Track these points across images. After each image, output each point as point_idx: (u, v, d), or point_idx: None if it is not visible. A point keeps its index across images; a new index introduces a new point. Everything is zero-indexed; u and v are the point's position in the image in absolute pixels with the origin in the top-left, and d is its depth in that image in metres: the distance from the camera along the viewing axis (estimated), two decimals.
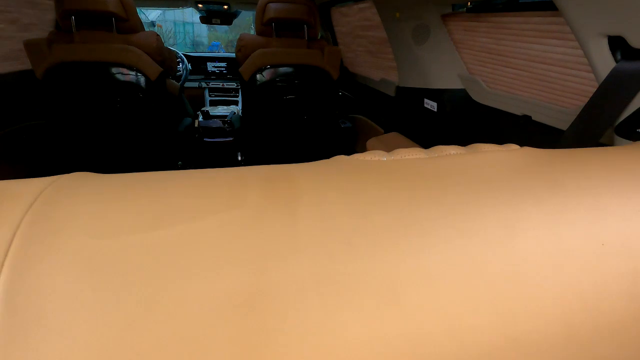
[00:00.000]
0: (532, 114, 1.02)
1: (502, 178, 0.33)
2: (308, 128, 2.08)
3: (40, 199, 0.27)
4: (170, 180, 0.31)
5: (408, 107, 1.66)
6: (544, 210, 0.30)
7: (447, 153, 0.37)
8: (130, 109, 1.76)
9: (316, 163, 0.37)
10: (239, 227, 0.26)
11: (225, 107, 2.83)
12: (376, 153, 0.37)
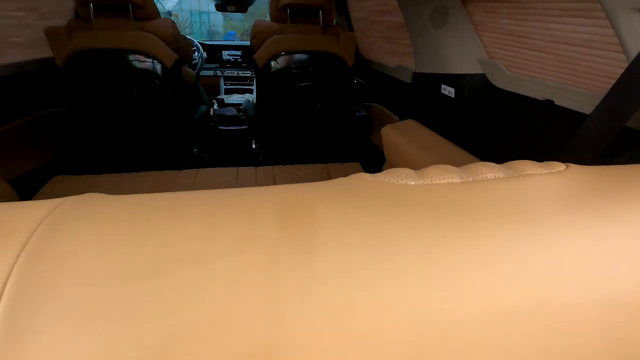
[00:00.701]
0: (555, 98, 0.98)
1: (548, 212, 0.28)
2: (322, 116, 2.06)
3: (40, 231, 0.25)
4: (178, 208, 0.28)
5: (424, 94, 1.63)
6: (597, 250, 0.27)
7: (484, 176, 0.33)
8: (146, 96, 1.78)
9: (335, 184, 0.33)
10: (251, 272, 0.24)
11: (240, 96, 2.83)
12: (402, 173, 0.33)
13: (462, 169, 0.35)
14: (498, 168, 0.34)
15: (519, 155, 1.12)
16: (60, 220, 0.26)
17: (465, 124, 1.36)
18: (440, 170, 0.34)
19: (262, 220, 0.27)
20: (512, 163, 0.36)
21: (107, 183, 1.67)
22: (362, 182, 0.33)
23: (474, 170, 0.34)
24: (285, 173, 1.83)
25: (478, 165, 0.35)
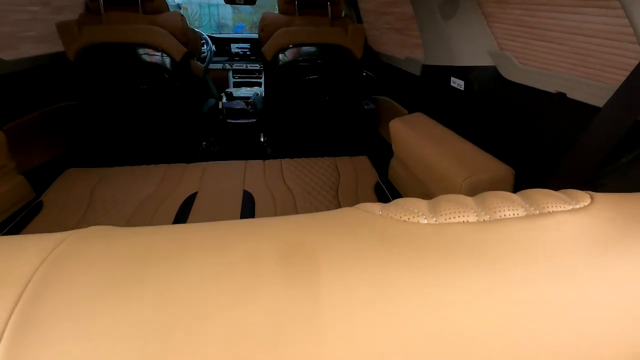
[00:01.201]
0: (567, 91, 0.96)
1: (572, 258, 0.26)
2: (330, 109, 2.05)
3: (37, 276, 0.25)
4: (176, 253, 0.27)
5: (433, 87, 1.61)
6: (627, 300, 0.25)
7: (502, 214, 0.30)
8: (156, 90, 1.80)
9: (341, 218, 0.31)
10: (252, 330, 0.22)
11: (249, 89, 2.84)
12: (414, 207, 0.31)
13: (478, 201, 0.32)
14: (516, 203, 0.31)
15: (529, 149, 1.10)
16: (57, 266, 0.26)
17: (475, 117, 1.34)
18: (454, 205, 0.31)
19: (264, 270, 0.25)
20: (532, 194, 0.33)
21: (118, 176, 1.70)
22: (371, 219, 0.30)
23: (491, 205, 0.31)
24: (293, 166, 1.83)
25: (495, 199, 0.32)
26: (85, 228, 0.31)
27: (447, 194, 0.35)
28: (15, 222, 1.36)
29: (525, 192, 0.34)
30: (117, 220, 1.38)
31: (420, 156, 1.32)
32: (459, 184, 1.07)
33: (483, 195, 0.33)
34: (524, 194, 0.33)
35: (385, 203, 0.34)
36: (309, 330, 0.23)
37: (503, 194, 0.33)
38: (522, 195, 0.33)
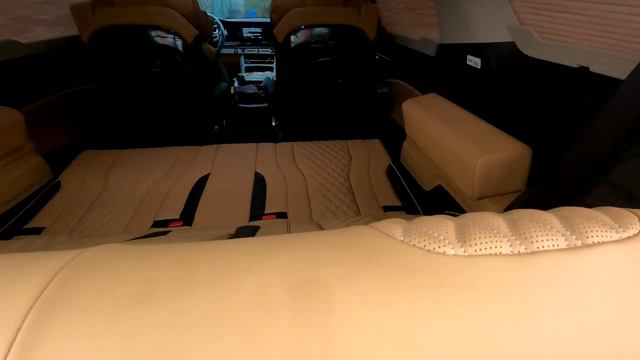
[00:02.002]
0: (590, 64, 0.92)
1: (621, 302, 0.23)
2: (343, 92, 2.03)
3: (50, 289, 0.24)
4: (184, 283, 0.25)
5: (449, 66, 1.56)
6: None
7: (540, 245, 0.26)
8: (168, 72, 1.81)
9: (357, 245, 0.28)
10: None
11: (261, 73, 2.82)
12: (441, 231, 0.28)
13: (511, 225, 0.28)
14: (555, 229, 0.27)
15: (548, 127, 1.06)
16: (64, 286, 0.25)
17: (492, 96, 1.30)
18: (485, 232, 0.27)
19: (274, 314, 0.23)
20: (571, 216, 0.28)
21: (132, 157, 1.72)
22: (391, 245, 0.27)
23: (527, 232, 0.27)
24: (304, 149, 1.82)
25: (530, 223, 0.28)
26: (93, 248, 0.29)
27: (475, 212, 0.31)
28: (34, 201, 1.40)
29: (562, 211, 0.30)
30: (131, 199, 1.41)
31: (433, 136, 1.30)
32: (473, 163, 1.04)
33: (517, 218, 0.29)
34: (562, 215, 0.29)
35: (407, 220, 0.31)
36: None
37: (538, 215, 0.29)
38: (559, 218, 0.29)
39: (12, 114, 1.39)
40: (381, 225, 0.30)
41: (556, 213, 0.30)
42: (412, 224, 0.30)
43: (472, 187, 1.07)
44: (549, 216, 0.29)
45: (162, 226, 1.28)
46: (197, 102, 1.92)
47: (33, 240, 1.01)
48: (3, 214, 1.32)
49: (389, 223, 0.30)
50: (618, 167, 0.74)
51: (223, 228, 1.25)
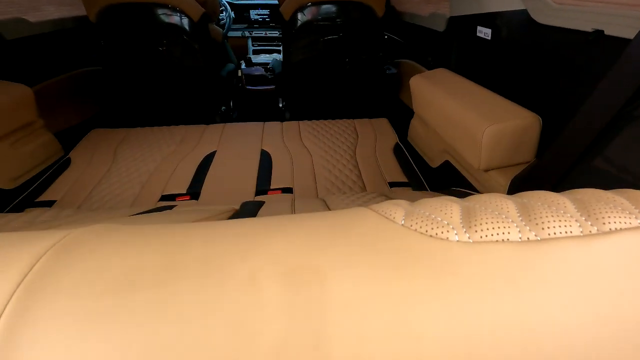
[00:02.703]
0: (605, 27, 0.88)
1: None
2: (350, 72, 2.00)
3: (38, 267, 0.24)
4: (171, 267, 0.24)
5: (458, 40, 1.53)
6: None
7: (551, 231, 0.24)
8: (175, 51, 1.81)
9: (358, 225, 0.27)
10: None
11: (268, 55, 2.81)
12: (445, 215, 0.26)
13: (521, 208, 0.26)
14: (568, 215, 0.25)
15: (560, 95, 1.02)
16: (52, 266, 0.24)
17: (502, 67, 1.27)
18: (492, 216, 0.25)
19: (265, 300, 0.22)
20: (584, 199, 0.26)
21: (140, 136, 1.74)
22: (391, 230, 0.26)
23: (537, 216, 0.25)
24: (311, 128, 1.81)
25: (542, 207, 0.26)
26: (80, 229, 0.29)
27: (483, 194, 0.29)
28: (45, 176, 1.42)
29: (577, 194, 0.28)
30: (139, 175, 1.42)
31: (440, 110, 1.27)
32: (480, 133, 1.02)
33: (527, 201, 0.27)
34: (576, 199, 0.27)
35: (410, 203, 0.29)
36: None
37: (550, 197, 0.27)
38: (573, 201, 0.26)
39: (22, 90, 1.41)
40: (382, 207, 0.28)
41: (570, 195, 0.27)
42: (414, 207, 0.28)
43: (479, 158, 1.05)
44: (562, 199, 0.27)
45: (170, 200, 1.29)
46: (203, 82, 1.92)
47: (42, 213, 1.04)
48: (15, 188, 1.35)
49: (390, 205, 0.28)
50: (626, 130, 0.72)
51: (229, 203, 1.26)
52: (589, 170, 0.78)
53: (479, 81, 1.30)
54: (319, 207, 0.98)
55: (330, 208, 0.97)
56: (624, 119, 0.73)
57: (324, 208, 0.98)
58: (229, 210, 0.97)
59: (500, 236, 0.24)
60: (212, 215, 0.82)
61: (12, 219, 0.94)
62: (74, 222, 0.89)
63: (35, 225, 0.87)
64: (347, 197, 1.06)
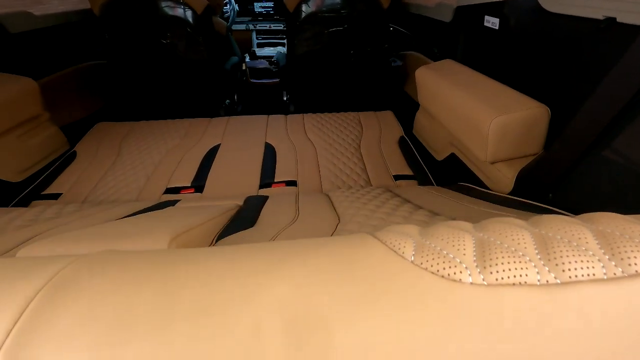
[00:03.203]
0: (617, 14, 0.85)
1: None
2: (355, 64, 1.98)
3: (43, 295, 0.24)
4: (170, 307, 0.23)
5: (465, 30, 1.50)
6: None
7: (573, 273, 0.22)
8: (178, 44, 1.80)
9: (364, 259, 0.25)
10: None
11: (272, 49, 2.79)
12: (458, 253, 0.24)
13: (539, 245, 0.24)
14: (590, 252, 0.23)
15: (570, 87, 0.99)
16: (57, 292, 0.24)
17: (510, 57, 1.24)
18: (507, 253, 0.23)
19: (270, 356, 0.21)
20: (607, 231, 0.24)
21: (144, 129, 1.74)
22: (400, 268, 0.24)
23: (557, 256, 0.23)
24: (315, 120, 1.80)
25: (561, 245, 0.23)
26: (87, 255, 0.28)
27: (497, 221, 0.27)
28: (51, 170, 1.43)
29: (596, 222, 0.25)
30: (143, 168, 1.43)
31: (446, 101, 1.25)
32: (487, 124, 1.00)
33: (544, 231, 0.25)
34: (596, 229, 0.24)
35: (419, 230, 0.27)
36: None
37: (569, 227, 0.25)
38: (595, 234, 0.24)
39: (27, 83, 1.42)
40: (390, 237, 0.26)
41: (591, 225, 0.25)
42: (425, 238, 0.26)
43: (486, 150, 1.04)
44: (583, 231, 0.25)
45: (174, 193, 1.30)
46: (207, 75, 1.91)
47: (46, 209, 1.04)
48: (22, 181, 1.36)
49: (399, 236, 0.26)
50: (636, 121, 0.70)
51: (233, 196, 1.26)
52: (597, 161, 0.77)
53: (486, 72, 1.28)
54: (323, 202, 0.97)
55: (335, 205, 0.96)
56: (634, 109, 0.71)
57: (328, 204, 0.98)
58: (233, 208, 0.97)
59: (517, 278, 0.22)
60: (216, 215, 0.82)
61: (16, 217, 0.95)
62: (76, 220, 0.89)
63: (38, 224, 0.88)
64: (351, 194, 1.05)
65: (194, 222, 0.68)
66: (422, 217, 0.77)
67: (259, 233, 0.76)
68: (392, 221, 0.77)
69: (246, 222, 0.85)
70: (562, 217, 0.27)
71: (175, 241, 0.57)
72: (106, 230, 0.63)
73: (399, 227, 0.29)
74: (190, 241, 0.63)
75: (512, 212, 0.78)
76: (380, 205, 0.90)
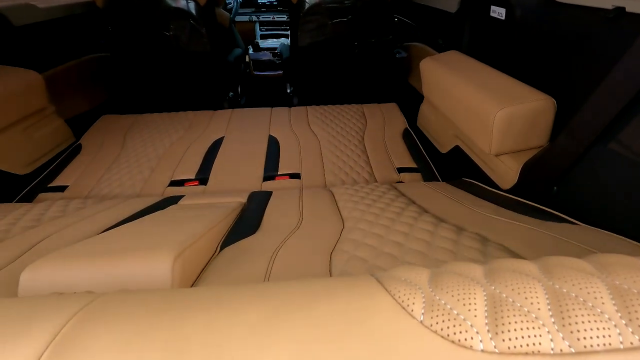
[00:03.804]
0: (626, 4, 0.84)
1: None
2: (359, 55, 1.96)
3: (63, 335, 0.25)
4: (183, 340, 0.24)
5: (471, 21, 1.48)
6: None
7: (589, 343, 0.21)
8: (182, 36, 1.79)
9: (370, 317, 0.24)
10: None
11: (276, 40, 2.77)
12: (469, 314, 0.23)
13: (552, 303, 0.23)
14: (606, 316, 0.22)
15: (577, 79, 0.98)
16: (80, 328, 0.25)
17: (516, 49, 1.22)
18: (519, 314, 0.23)
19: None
20: (624, 286, 0.23)
21: (148, 121, 1.75)
22: (407, 330, 0.23)
23: (571, 319, 0.22)
24: (319, 113, 1.79)
25: (575, 305, 0.23)
26: (90, 306, 0.28)
27: (507, 266, 0.26)
28: (57, 162, 1.45)
29: (611, 271, 0.24)
30: (148, 160, 1.44)
31: (451, 93, 1.24)
32: (492, 116, 0.99)
33: (558, 286, 0.24)
34: (612, 284, 0.23)
35: (428, 276, 0.26)
36: None
37: (584, 282, 0.24)
38: (610, 290, 0.23)
39: (32, 76, 1.43)
40: (398, 288, 0.25)
41: (607, 277, 0.24)
42: (435, 289, 0.25)
43: (490, 142, 1.03)
44: (599, 287, 0.23)
45: (179, 185, 1.30)
46: (211, 67, 1.91)
47: (50, 206, 1.04)
48: (29, 174, 1.38)
49: (408, 288, 0.25)
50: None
51: (237, 190, 1.27)
52: (603, 154, 0.76)
53: (492, 64, 1.27)
54: (327, 202, 0.97)
55: (339, 205, 0.96)
56: None
57: (332, 204, 0.98)
58: (237, 208, 0.97)
59: (530, 347, 0.21)
60: (221, 219, 0.82)
61: (21, 215, 0.95)
62: (79, 222, 0.89)
63: (43, 225, 0.88)
64: (355, 192, 1.04)
65: (197, 232, 0.68)
66: (427, 226, 0.77)
67: (263, 241, 0.75)
68: (397, 229, 0.76)
69: (250, 226, 0.85)
70: (576, 264, 0.26)
71: (179, 259, 0.57)
72: (108, 244, 0.62)
73: (407, 272, 0.28)
74: (194, 256, 0.62)
75: (516, 218, 0.78)
76: (385, 207, 0.90)
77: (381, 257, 0.66)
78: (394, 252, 0.67)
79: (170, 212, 0.90)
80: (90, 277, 0.53)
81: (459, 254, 0.65)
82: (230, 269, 0.64)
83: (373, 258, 0.65)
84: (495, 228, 0.75)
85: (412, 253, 0.66)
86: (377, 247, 0.70)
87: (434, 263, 0.62)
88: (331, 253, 0.69)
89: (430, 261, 0.63)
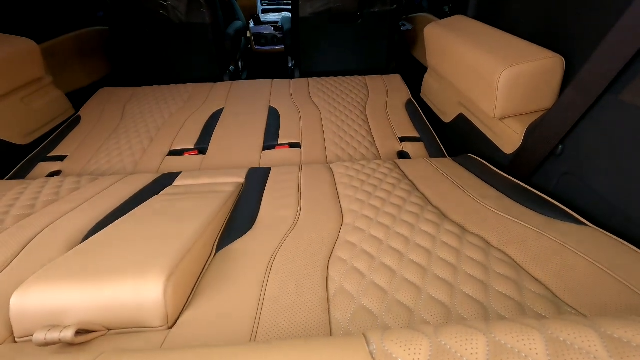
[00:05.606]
0: None
1: None
2: (362, 26, 1.91)
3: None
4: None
5: None
6: None
7: None
8: (180, 7, 1.75)
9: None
10: None
11: (277, 14, 2.71)
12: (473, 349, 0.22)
13: None
14: None
15: (588, 36, 0.91)
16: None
17: (525, 10, 1.17)
18: None
19: None
20: None
21: (147, 93, 1.72)
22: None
23: None
24: (320, 84, 1.76)
25: None
26: None
27: (513, 332, 0.26)
28: (56, 133, 1.44)
29: None
30: (147, 130, 1.42)
31: (455, 57, 1.20)
32: (496, 77, 0.96)
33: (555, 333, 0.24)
34: None
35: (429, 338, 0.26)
36: None
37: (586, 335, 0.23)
38: None
39: (26, 43, 1.40)
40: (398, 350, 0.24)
41: None
42: None
43: (495, 104, 0.99)
44: None
45: (178, 154, 1.29)
46: (210, 39, 1.87)
47: (44, 185, 1.01)
48: (29, 145, 1.37)
49: None
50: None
51: (236, 159, 1.25)
52: (614, 104, 0.72)
53: (499, 27, 1.21)
54: (326, 188, 0.94)
55: (337, 186, 0.94)
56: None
57: (331, 183, 0.96)
58: (235, 191, 0.95)
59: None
60: (218, 210, 0.80)
61: (14, 199, 0.92)
62: (74, 209, 0.89)
63: (36, 216, 0.86)
64: (356, 175, 1.00)
65: (191, 237, 0.65)
66: (429, 228, 0.75)
67: (258, 244, 0.74)
68: (397, 232, 0.75)
69: (246, 219, 0.83)
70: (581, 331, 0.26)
71: (171, 280, 0.55)
72: (99, 260, 0.60)
73: (406, 339, 0.28)
74: (188, 269, 0.61)
75: (521, 217, 0.75)
76: (386, 198, 0.87)
77: (379, 271, 0.64)
78: (392, 264, 0.66)
79: (163, 205, 0.86)
80: (80, 301, 0.53)
81: (460, 269, 0.63)
82: (222, 288, 0.62)
83: (371, 272, 0.64)
84: (498, 229, 0.73)
85: (411, 267, 0.65)
86: (376, 256, 0.68)
87: (432, 282, 0.61)
88: (329, 261, 0.67)
89: (429, 281, 0.61)
